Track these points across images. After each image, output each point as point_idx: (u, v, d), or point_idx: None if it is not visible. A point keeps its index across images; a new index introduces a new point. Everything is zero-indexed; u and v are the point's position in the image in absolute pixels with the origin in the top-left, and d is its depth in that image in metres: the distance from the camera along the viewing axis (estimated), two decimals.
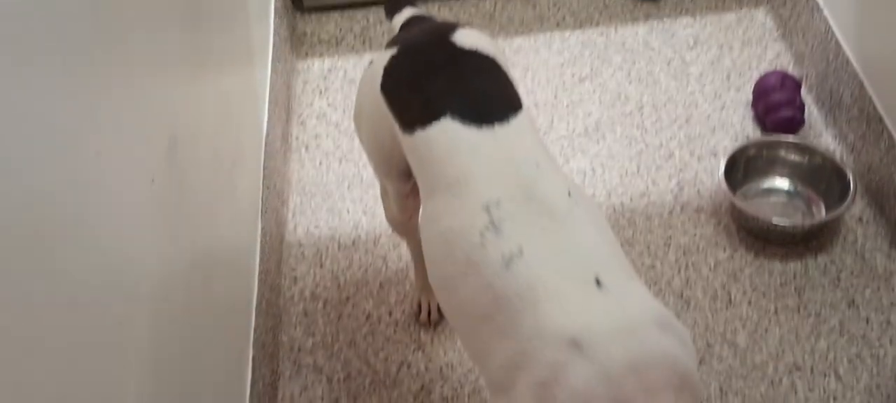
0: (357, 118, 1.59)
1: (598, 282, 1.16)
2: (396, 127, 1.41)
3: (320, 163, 2.20)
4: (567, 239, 1.22)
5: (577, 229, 1.23)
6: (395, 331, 1.87)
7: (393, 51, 1.46)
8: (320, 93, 2.37)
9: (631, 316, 1.15)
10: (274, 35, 2.22)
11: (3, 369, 0.84)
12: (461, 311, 1.27)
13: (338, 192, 2.14)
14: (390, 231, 1.93)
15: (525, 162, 1.29)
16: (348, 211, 2.09)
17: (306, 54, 2.48)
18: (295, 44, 2.49)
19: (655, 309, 1.17)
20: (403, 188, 1.56)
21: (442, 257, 1.29)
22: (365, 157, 2.17)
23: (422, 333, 1.86)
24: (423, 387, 1.78)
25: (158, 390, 1.20)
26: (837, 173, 1.98)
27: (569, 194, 1.27)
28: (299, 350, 1.86)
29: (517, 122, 1.34)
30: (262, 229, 1.85)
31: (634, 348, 1.11)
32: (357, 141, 2.23)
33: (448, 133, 1.33)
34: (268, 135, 2.02)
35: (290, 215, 2.10)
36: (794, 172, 2.05)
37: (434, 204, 1.33)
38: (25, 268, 0.90)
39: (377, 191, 1.98)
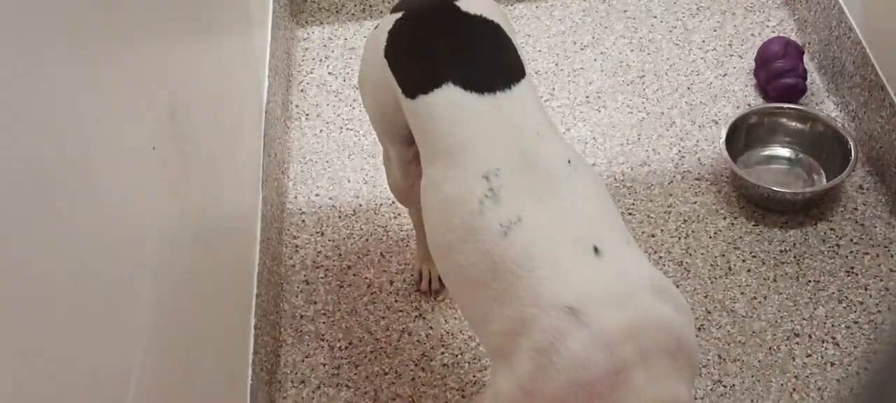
0: (361, 82, 1.59)
1: (596, 250, 1.17)
2: (399, 92, 1.41)
3: (321, 132, 2.20)
4: (566, 208, 1.22)
5: (577, 197, 1.24)
6: (396, 300, 1.88)
7: (397, 15, 1.46)
8: (321, 61, 2.37)
9: (628, 283, 1.15)
10: (273, 2, 2.21)
11: (8, 331, 0.84)
12: (460, 279, 1.28)
13: (338, 161, 2.14)
14: (391, 200, 1.93)
15: (526, 130, 1.29)
16: (349, 180, 2.10)
17: (307, 22, 2.47)
18: (295, 11, 2.48)
19: (652, 276, 1.18)
20: (406, 154, 1.56)
21: (441, 224, 1.29)
22: (366, 126, 2.17)
23: (422, 302, 1.87)
24: (423, 355, 1.79)
25: (161, 356, 1.21)
26: (839, 141, 1.98)
27: (569, 162, 1.27)
28: (301, 317, 1.87)
29: (519, 90, 1.34)
30: (263, 197, 1.85)
31: (630, 314, 1.11)
32: (358, 109, 2.24)
33: (450, 99, 1.33)
34: (268, 103, 2.02)
35: (290, 184, 2.11)
36: (795, 140, 2.05)
37: (434, 171, 1.33)
38: (29, 235, 0.90)
39: (378, 160, 1.98)
